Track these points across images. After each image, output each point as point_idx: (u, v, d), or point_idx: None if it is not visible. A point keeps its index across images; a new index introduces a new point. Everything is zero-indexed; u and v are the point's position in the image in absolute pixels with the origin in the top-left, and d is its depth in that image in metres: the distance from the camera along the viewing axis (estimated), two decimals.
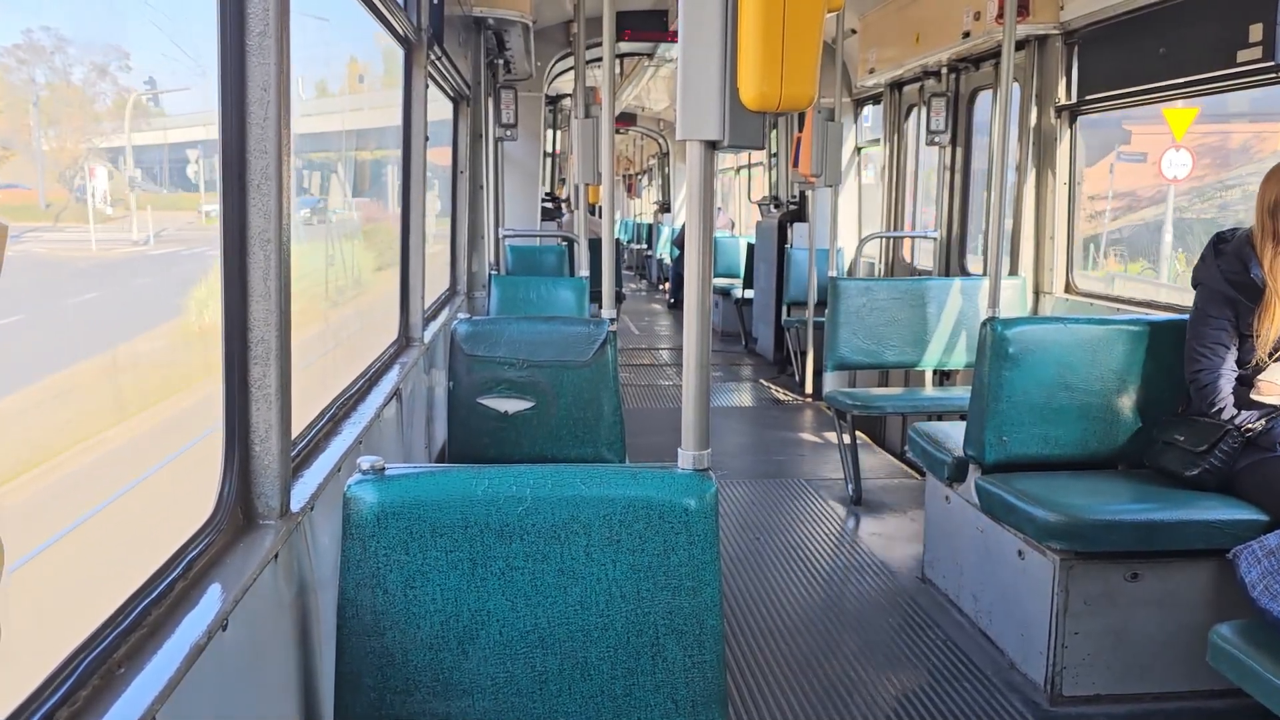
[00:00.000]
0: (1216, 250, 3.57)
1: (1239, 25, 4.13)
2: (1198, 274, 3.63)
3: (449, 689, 1.95)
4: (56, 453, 1.94)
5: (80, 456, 2.00)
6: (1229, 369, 3.52)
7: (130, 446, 2.26)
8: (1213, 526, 3.29)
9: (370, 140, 5.92)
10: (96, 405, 2.17)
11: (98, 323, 2.21)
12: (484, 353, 3.96)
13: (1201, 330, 3.56)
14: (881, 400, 5.79)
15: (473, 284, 7.41)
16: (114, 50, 2.08)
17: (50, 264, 1.97)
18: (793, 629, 4.04)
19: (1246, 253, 3.46)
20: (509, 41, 7.46)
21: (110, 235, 2.32)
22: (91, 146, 2.15)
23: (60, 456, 1.94)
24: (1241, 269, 3.46)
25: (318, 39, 3.90)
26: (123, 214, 2.35)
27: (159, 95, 2.44)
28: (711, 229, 2.02)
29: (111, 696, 1.34)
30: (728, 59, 1.85)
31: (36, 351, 1.89)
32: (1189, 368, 3.61)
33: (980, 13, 5.83)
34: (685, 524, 1.96)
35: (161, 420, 2.47)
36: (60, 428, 1.97)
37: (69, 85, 1.93)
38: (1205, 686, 3.38)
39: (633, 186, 28.15)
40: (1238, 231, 3.57)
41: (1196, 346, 3.57)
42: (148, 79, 2.33)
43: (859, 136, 9.15)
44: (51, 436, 1.93)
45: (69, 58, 1.85)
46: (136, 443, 2.31)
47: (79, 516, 2.00)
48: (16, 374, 1.76)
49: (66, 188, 2.04)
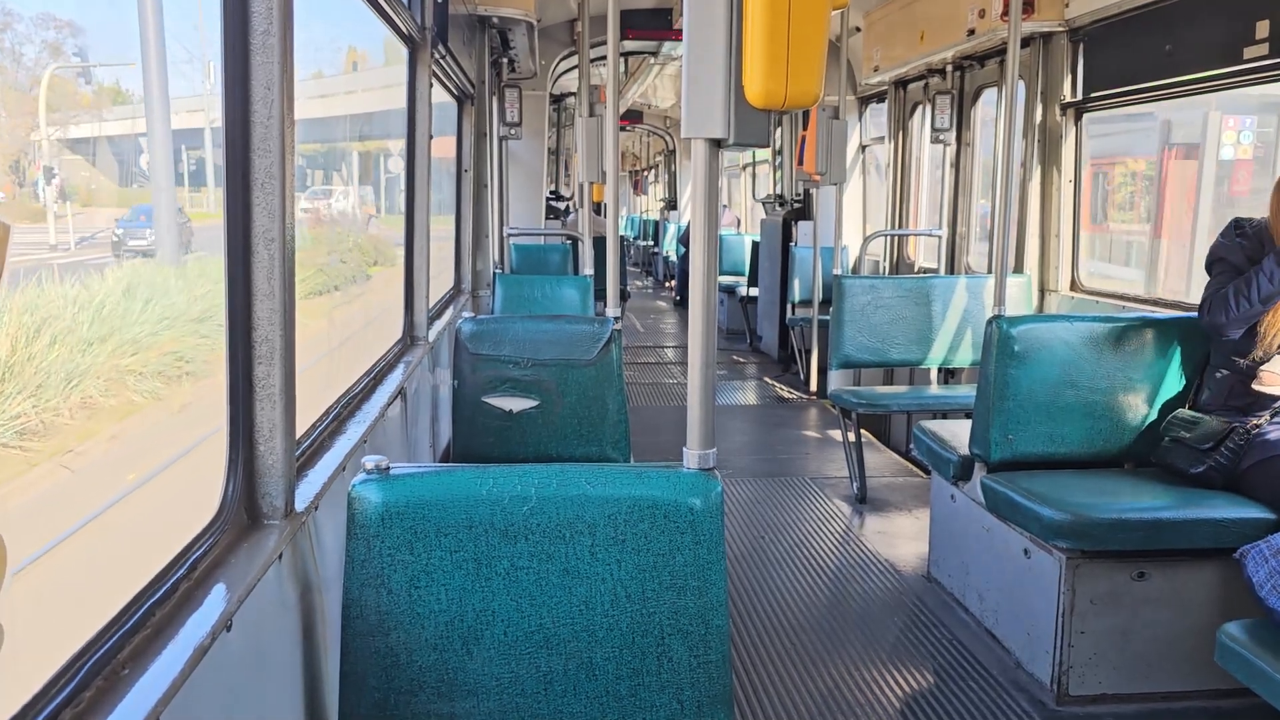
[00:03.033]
0: (1238, 230, 3.57)
1: (1246, 22, 4.12)
2: (1217, 250, 3.61)
3: (454, 689, 1.94)
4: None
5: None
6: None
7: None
8: (1220, 525, 3.27)
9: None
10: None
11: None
12: (488, 351, 3.95)
13: (1215, 275, 3.56)
14: (886, 398, 5.78)
15: (477, 283, 7.41)
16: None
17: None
18: (798, 628, 4.03)
19: (1267, 239, 3.47)
20: (513, 40, 7.46)
21: (30, 238, 2.21)
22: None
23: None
24: (1261, 251, 3.47)
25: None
26: (78, 210, 2.26)
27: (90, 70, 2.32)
28: (717, 227, 2.01)
29: (116, 697, 1.33)
30: (733, 57, 1.85)
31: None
32: (1207, 315, 3.53)
33: (985, 10, 5.81)
34: (690, 523, 1.95)
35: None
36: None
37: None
38: (1212, 686, 3.37)
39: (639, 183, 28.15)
40: (1255, 221, 3.57)
41: (1208, 289, 3.55)
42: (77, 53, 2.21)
43: (864, 134, 9.14)
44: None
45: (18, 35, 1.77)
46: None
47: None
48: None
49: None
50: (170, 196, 3.00)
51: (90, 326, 2.41)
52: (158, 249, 2.97)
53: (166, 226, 2.97)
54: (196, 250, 3.23)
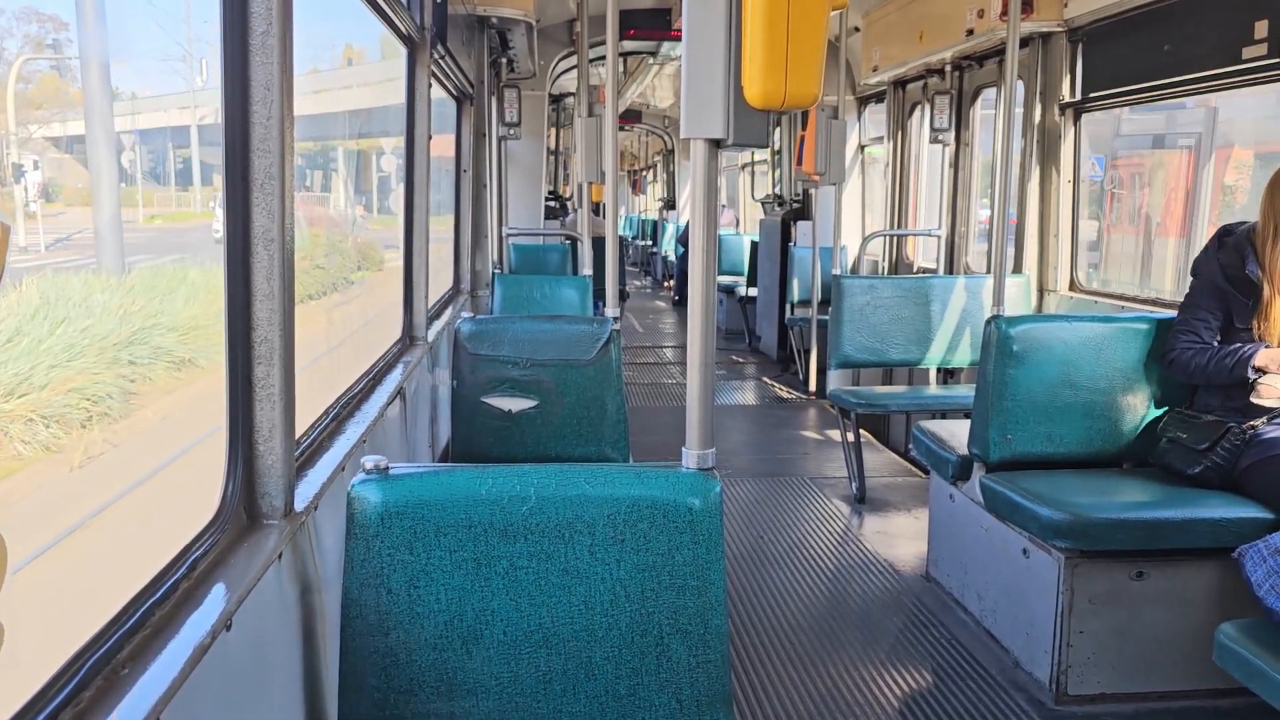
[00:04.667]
0: (1220, 243, 3.59)
1: (1244, 22, 4.12)
2: (1197, 265, 3.69)
3: (453, 689, 1.94)
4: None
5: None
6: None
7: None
8: (1218, 525, 3.28)
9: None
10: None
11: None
12: (488, 352, 3.95)
13: (1186, 316, 3.65)
14: (885, 398, 5.78)
15: (476, 283, 7.41)
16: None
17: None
18: (797, 627, 4.04)
19: (1246, 248, 3.49)
20: (512, 40, 7.46)
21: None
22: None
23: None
24: (1238, 263, 3.50)
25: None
26: (60, 210, 2.15)
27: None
28: (715, 228, 2.01)
29: (116, 697, 1.34)
30: (732, 57, 1.85)
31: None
32: (1166, 346, 3.70)
33: (984, 10, 5.81)
34: (690, 523, 1.96)
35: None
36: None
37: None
38: (1211, 685, 3.37)
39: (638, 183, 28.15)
40: (1243, 226, 3.58)
41: (1178, 329, 3.67)
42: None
43: (863, 134, 9.14)
44: None
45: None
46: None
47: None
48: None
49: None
50: (113, 198, 2.66)
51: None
52: (97, 256, 2.61)
53: (108, 231, 2.62)
54: (172, 254, 3.00)
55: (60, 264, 2.50)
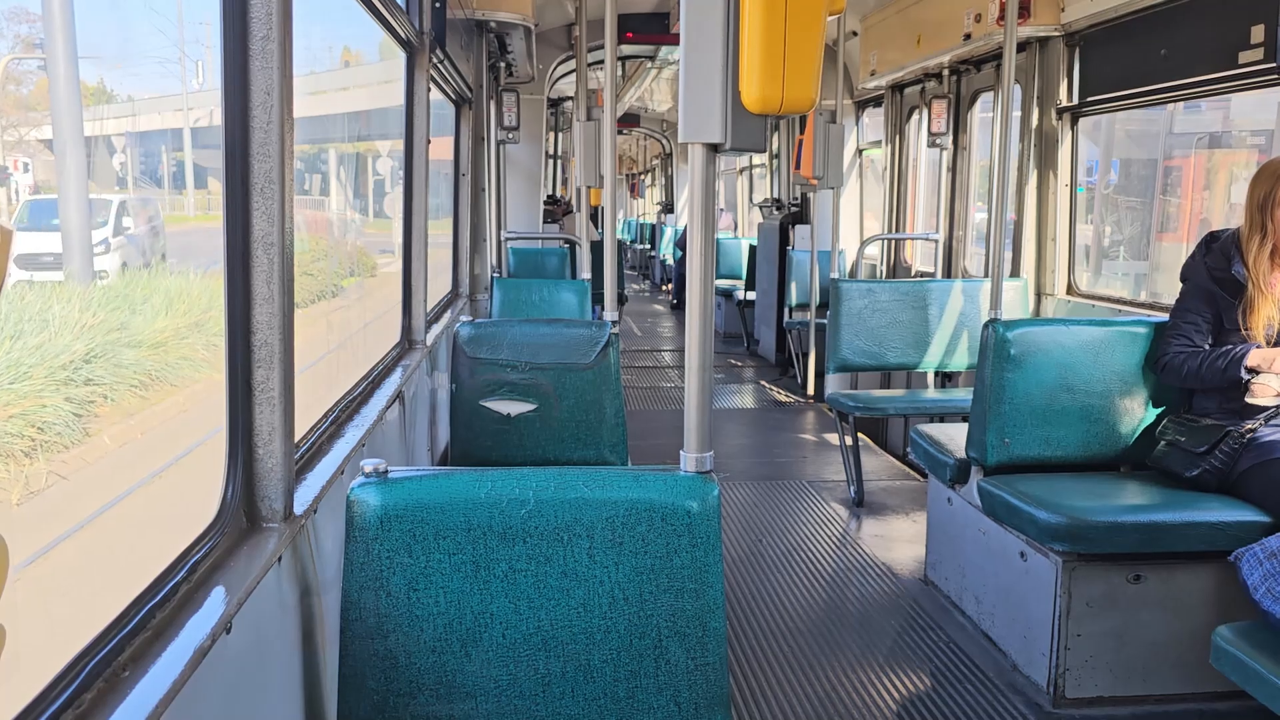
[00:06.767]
0: (1207, 247, 3.63)
1: (1240, 27, 4.14)
2: (1185, 270, 3.73)
3: (452, 691, 1.95)
4: None
5: None
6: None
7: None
8: (1215, 528, 3.29)
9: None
10: None
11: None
12: (486, 355, 3.96)
13: (1177, 320, 3.68)
14: (883, 402, 5.79)
15: (475, 286, 7.42)
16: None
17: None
18: (795, 630, 4.04)
19: (1231, 251, 3.54)
20: (511, 44, 7.47)
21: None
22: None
23: None
24: (1225, 264, 3.54)
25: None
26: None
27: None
28: (714, 232, 2.02)
29: (116, 699, 1.34)
30: (729, 62, 1.85)
31: None
32: (1159, 351, 3.73)
33: (981, 15, 5.83)
34: (688, 526, 1.96)
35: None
36: None
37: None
38: (1208, 689, 3.38)
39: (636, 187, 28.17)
40: (1229, 230, 3.63)
41: (1169, 333, 3.69)
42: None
43: (860, 138, 9.16)
44: None
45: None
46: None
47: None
48: None
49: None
50: (81, 203, 2.46)
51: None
52: (64, 263, 2.42)
53: (76, 235, 2.42)
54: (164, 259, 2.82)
55: (34, 277, 2.40)
